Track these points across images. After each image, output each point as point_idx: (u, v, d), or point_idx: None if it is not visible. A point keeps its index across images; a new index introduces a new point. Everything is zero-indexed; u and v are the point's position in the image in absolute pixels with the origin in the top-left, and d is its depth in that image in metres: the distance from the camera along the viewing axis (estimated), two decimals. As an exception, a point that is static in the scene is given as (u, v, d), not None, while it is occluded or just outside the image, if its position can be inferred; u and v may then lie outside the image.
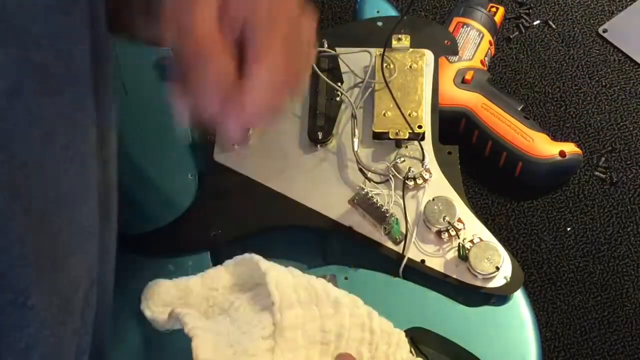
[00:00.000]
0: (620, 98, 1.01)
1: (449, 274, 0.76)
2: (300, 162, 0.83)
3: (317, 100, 0.85)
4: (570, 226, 0.93)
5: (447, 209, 0.78)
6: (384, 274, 0.77)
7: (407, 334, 0.73)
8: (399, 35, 0.86)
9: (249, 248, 0.77)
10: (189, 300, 0.75)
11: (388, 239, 0.78)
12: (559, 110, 1.00)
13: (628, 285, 0.89)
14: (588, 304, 0.88)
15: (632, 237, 0.92)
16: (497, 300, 0.77)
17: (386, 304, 0.75)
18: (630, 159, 0.96)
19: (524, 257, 0.91)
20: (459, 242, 0.77)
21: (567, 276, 0.90)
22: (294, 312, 0.72)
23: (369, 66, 0.87)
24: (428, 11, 1.08)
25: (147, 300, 0.74)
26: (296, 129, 0.85)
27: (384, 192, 0.79)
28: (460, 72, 0.95)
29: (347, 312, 0.72)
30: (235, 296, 0.75)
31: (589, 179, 0.95)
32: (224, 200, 0.81)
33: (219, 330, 0.72)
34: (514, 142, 0.91)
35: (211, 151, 0.83)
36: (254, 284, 0.76)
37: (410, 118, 0.82)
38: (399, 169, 0.80)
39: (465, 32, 0.97)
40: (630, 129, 0.98)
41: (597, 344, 0.86)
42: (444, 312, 0.76)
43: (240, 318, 0.73)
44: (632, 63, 1.03)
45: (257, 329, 0.72)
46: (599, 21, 1.07)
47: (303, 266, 0.79)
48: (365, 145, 0.83)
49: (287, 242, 0.82)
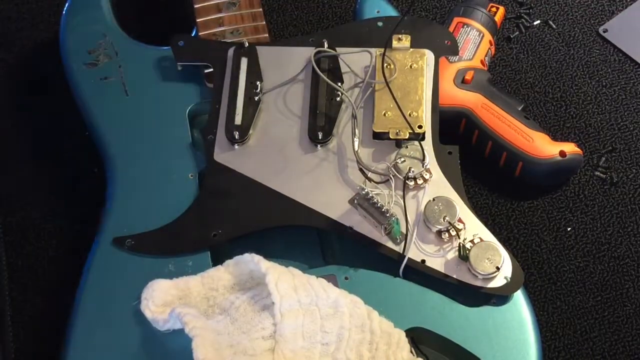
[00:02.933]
0: (620, 98, 1.01)
1: (449, 274, 0.76)
2: (300, 162, 0.83)
3: (317, 100, 0.85)
4: (571, 226, 0.93)
5: (447, 209, 0.78)
6: (384, 274, 0.77)
7: (407, 334, 0.73)
8: (399, 35, 0.86)
9: (249, 248, 0.77)
10: (189, 300, 0.75)
11: (388, 239, 0.78)
12: (559, 110, 1.00)
13: (628, 285, 0.89)
14: (588, 304, 0.88)
15: (632, 237, 0.92)
16: (497, 300, 0.77)
17: (386, 304, 0.75)
18: (631, 159, 0.96)
19: (524, 257, 0.91)
20: (459, 242, 0.77)
21: (567, 276, 0.90)
22: (294, 312, 0.72)
23: (369, 66, 0.87)
24: (428, 11, 1.08)
25: (147, 300, 0.74)
26: (297, 129, 0.85)
27: (384, 192, 0.79)
28: (460, 72, 0.95)
29: (347, 312, 0.72)
30: (235, 296, 0.75)
31: (589, 179, 0.95)
32: (224, 200, 0.81)
33: (219, 330, 0.72)
34: (514, 142, 0.91)
35: (211, 151, 0.84)
36: (254, 284, 0.76)
37: (410, 118, 0.82)
38: (399, 169, 0.80)
39: (465, 32, 0.97)
40: (630, 129, 0.98)
41: (597, 344, 0.86)
42: (444, 312, 0.76)
43: (240, 318, 0.73)
44: (632, 63, 1.03)
45: (257, 328, 0.72)
46: (599, 21, 1.06)
47: (303, 266, 0.79)
48: (366, 145, 0.83)
49: (287, 242, 0.82)
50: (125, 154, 0.85)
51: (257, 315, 0.73)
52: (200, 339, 0.70)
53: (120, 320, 0.76)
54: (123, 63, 0.91)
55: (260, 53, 0.88)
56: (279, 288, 0.73)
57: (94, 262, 0.79)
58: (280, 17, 1.09)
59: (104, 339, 0.75)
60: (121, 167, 0.85)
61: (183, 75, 0.90)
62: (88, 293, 0.78)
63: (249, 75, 0.87)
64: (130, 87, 0.90)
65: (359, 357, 0.71)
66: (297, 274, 0.75)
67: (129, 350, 0.75)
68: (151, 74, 0.90)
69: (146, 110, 0.88)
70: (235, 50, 0.88)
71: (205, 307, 0.75)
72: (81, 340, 0.76)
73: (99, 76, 0.90)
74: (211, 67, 0.89)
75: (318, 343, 0.71)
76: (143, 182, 0.84)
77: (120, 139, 0.86)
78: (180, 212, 0.81)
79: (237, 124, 0.84)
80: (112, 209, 0.82)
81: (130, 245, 0.79)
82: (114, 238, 0.80)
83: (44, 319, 0.88)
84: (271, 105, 0.86)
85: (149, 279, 0.76)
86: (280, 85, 0.87)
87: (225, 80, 0.87)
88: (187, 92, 0.89)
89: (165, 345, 0.74)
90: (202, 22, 0.93)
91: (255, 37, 0.92)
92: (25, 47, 1.06)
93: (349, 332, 0.72)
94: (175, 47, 0.89)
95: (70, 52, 0.92)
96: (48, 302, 0.89)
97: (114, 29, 0.94)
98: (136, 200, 0.83)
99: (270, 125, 0.85)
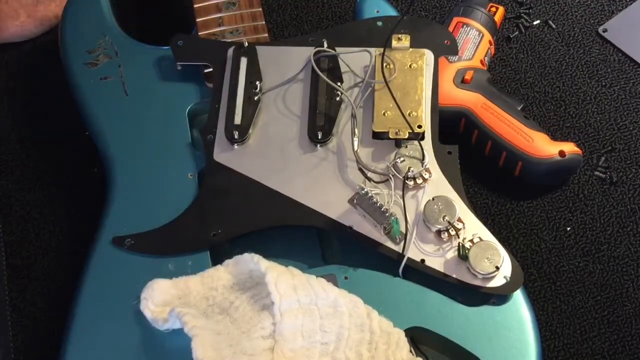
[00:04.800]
0: (620, 98, 1.01)
1: (448, 273, 0.76)
2: (300, 161, 0.83)
3: (317, 100, 0.85)
4: (570, 226, 0.93)
5: (446, 208, 0.78)
6: (384, 274, 0.77)
7: (406, 333, 0.73)
8: (399, 35, 0.86)
9: (249, 248, 0.77)
10: (188, 300, 0.75)
11: (388, 238, 0.78)
12: (558, 110, 1.00)
13: (628, 285, 0.89)
14: (588, 303, 0.88)
15: (631, 236, 0.92)
16: (497, 299, 0.77)
17: (386, 304, 0.75)
18: (630, 159, 0.96)
19: (524, 257, 0.91)
20: (458, 242, 0.77)
21: (567, 276, 0.90)
22: (294, 311, 0.72)
23: (368, 66, 0.87)
24: (428, 11, 1.08)
25: (146, 300, 0.74)
26: (296, 129, 0.85)
27: (384, 192, 0.79)
28: (460, 72, 0.95)
29: (347, 312, 0.72)
30: (235, 296, 0.75)
31: (588, 179, 0.95)
32: (223, 200, 0.81)
33: (218, 329, 0.73)
34: (514, 141, 0.91)
35: (211, 151, 0.84)
36: (253, 284, 0.76)
37: (410, 118, 0.82)
38: (399, 168, 0.80)
39: (465, 31, 0.97)
40: (630, 129, 0.98)
41: (597, 344, 0.86)
42: (443, 312, 0.76)
43: (240, 317, 0.73)
44: (632, 63, 1.03)
45: (256, 328, 0.72)
46: (598, 21, 1.07)
47: (303, 266, 0.79)
48: (365, 145, 0.83)
49: (287, 242, 0.82)
50: (125, 153, 0.86)
51: (257, 315, 0.73)
52: (200, 338, 0.70)
53: (120, 319, 0.76)
54: (123, 63, 0.91)
55: (260, 53, 0.88)
56: (279, 288, 0.73)
57: (94, 262, 0.79)
58: (280, 17, 1.09)
59: (103, 339, 0.76)
60: (121, 167, 0.85)
61: (183, 75, 0.90)
62: (88, 293, 0.78)
63: (249, 75, 0.87)
64: (130, 86, 0.90)
65: (358, 357, 0.71)
66: (296, 274, 0.75)
67: (128, 349, 0.75)
68: (151, 74, 0.90)
69: (146, 110, 0.88)
70: (235, 50, 0.88)
71: (204, 307, 0.75)
72: (81, 340, 0.76)
73: (98, 76, 0.90)
74: (211, 67, 0.89)
75: (317, 342, 0.71)
76: (143, 182, 0.84)
77: (120, 138, 0.87)
78: (179, 212, 0.81)
79: (236, 123, 0.84)
80: (112, 209, 0.82)
81: (130, 245, 0.79)
82: (114, 238, 0.80)
83: (44, 319, 0.88)
84: (271, 105, 0.86)
85: (148, 278, 0.76)
86: (280, 85, 0.87)
87: (225, 80, 0.87)
88: (186, 92, 0.89)
89: (164, 344, 0.75)
90: (202, 22, 0.93)
91: (255, 37, 0.92)
92: (25, 47, 1.06)
93: (348, 331, 0.72)
94: (175, 46, 0.89)
95: (70, 52, 0.92)
96: (48, 302, 0.89)
97: (114, 29, 0.94)
98: (136, 200, 0.83)
99: (269, 125, 0.85)
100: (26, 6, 1.02)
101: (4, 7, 1.00)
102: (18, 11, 1.01)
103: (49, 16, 1.03)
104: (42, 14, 1.02)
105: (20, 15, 1.01)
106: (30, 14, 1.01)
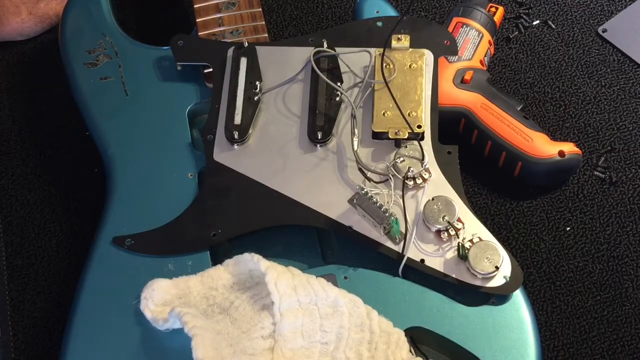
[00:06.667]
0: (620, 98, 1.01)
1: (448, 273, 0.77)
2: (300, 161, 0.83)
3: (317, 100, 0.85)
4: (570, 226, 0.93)
5: (446, 208, 0.78)
6: (384, 274, 0.77)
7: (406, 333, 0.74)
8: (398, 35, 0.87)
9: (249, 248, 0.77)
10: (188, 300, 0.75)
11: (388, 238, 0.78)
12: (558, 110, 1.00)
13: (627, 285, 0.89)
14: (587, 303, 0.88)
15: (631, 236, 0.92)
16: (496, 299, 0.77)
17: (386, 304, 0.75)
18: (630, 159, 0.97)
19: (524, 257, 0.91)
20: (458, 242, 0.77)
21: (567, 276, 0.90)
22: (294, 311, 0.72)
23: (368, 66, 0.87)
24: (427, 11, 1.09)
25: (146, 300, 0.74)
26: (296, 129, 0.85)
27: (384, 192, 0.79)
28: (459, 72, 0.95)
29: (347, 312, 0.72)
30: (235, 295, 0.75)
31: (588, 179, 0.95)
32: (223, 199, 0.81)
33: (218, 329, 0.73)
34: (514, 142, 0.91)
35: (211, 151, 0.84)
36: (253, 283, 0.76)
37: (409, 118, 0.83)
38: (399, 168, 0.80)
39: (464, 32, 0.97)
40: (630, 129, 0.99)
41: (597, 344, 0.86)
42: (443, 312, 0.76)
43: (240, 317, 0.73)
44: (632, 63, 1.03)
45: (256, 328, 0.72)
46: (598, 21, 1.07)
47: (303, 266, 0.79)
48: (365, 145, 0.83)
49: (286, 241, 0.82)
50: (125, 153, 0.86)
51: (257, 315, 0.73)
52: (200, 338, 0.70)
53: (120, 319, 0.76)
54: (123, 63, 0.91)
55: (260, 53, 0.88)
56: (279, 287, 0.73)
57: (94, 262, 0.79)
58: (280, 17, 1.09)
59: (103, 339, 0.76)
60: (121, 166, 0.85)
61: (183, 75, 0.90)
62: (88, 292, 0.78)
63: (249, 75, 0.87)
64: (130, 87, 0.90)
65: (358, 357, 0.71)
66: (296, 274, 0.75)
67: (128, 349, 0.75)
68: (151, 74, 0.90)
69: (146, 110, 0.88)
70: (235, 50, 0.88)
71: (204, 307, 0.75)
72: (81, 339, 0.76)
73: (98, 76, 0.90)
74: (211, 67, 0.89)
75: (317, 342, 0.72)
76: (143, 182, 0.84)
77: (120, 138, 0.87)
78: (179, 212, 0.81)
79: (236, 123, 0.84)
80: (112, 209, 0.82)
81: (130, 245, 0.79)
82: (114, 237, 0.80)
83: (44, 319, 0.88)
84: (271, 105, 0.86)
85: (148, 278, 0.76)
86: (280, 85, 0.87)
87: (225, 80, 0.87)
88: (186, 92, 0.89)
89: (164, 344, 0.75)
90: (202, 22, 0.93)
91: (255, 37, 0.92)
92: (26, 46, 1.06)
93: (348, 331, 0.72)
94: (175, 47, 0.89)
95: (70, 52, 0.92)
96: (48, 302, 0.89)
97: (113, 29, 0.94)
98: (136, 199, 0.83)
99: (269, 125, 0.85)
100: (27, 3, 1.02)
101: (6, 2, 1.00)
102: (19, 7, 1.01)
103: (49, 14, 1.03)
104: (42, 12, 1.02)
105: (22, 11, 1.01)
106: (31, 11, 1.01)
